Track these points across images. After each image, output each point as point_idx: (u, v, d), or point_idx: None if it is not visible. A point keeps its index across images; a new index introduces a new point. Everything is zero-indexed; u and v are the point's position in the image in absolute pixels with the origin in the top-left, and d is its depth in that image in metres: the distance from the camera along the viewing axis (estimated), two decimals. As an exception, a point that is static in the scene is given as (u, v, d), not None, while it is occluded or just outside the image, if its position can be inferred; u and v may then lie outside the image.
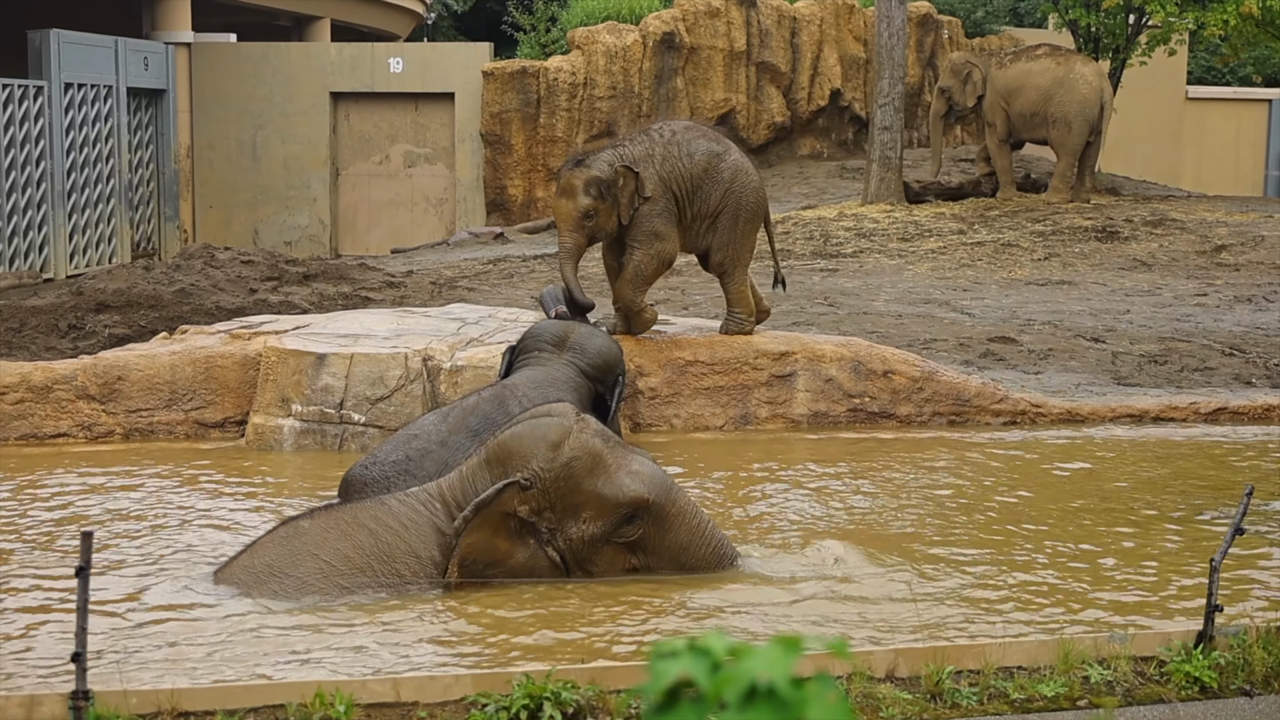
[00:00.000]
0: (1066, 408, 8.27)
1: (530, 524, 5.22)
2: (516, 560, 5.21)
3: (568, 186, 7.82)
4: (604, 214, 7.82)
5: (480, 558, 5.15)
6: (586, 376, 6.72)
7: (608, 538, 5.28)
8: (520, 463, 5.21)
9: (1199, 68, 27.07)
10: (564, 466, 5.21)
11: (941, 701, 4.29)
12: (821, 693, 1.70)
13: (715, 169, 8.05)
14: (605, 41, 18.99)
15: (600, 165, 7.82)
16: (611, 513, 5.25)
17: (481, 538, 5.14)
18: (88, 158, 16.90)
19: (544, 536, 5.24)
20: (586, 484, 5.23)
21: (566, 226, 7.86)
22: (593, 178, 7.77)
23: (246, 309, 10.36)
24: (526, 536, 5.23)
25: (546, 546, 5.24)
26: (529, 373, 6.65)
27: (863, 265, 13.74)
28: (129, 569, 5.48)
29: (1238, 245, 14.35)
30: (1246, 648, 4.54)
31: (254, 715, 4.05)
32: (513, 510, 5.19)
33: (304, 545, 5.16)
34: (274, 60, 19.36)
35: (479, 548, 5.14)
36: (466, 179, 19.27)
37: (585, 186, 7.76)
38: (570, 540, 5.25)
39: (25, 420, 7.73)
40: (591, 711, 4.11)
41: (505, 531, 5.19)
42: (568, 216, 7.84)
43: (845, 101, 20.58)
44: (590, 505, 5.23)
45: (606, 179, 7.78)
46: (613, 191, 7.80)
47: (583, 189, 7.76)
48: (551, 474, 5.20)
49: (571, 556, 5.27)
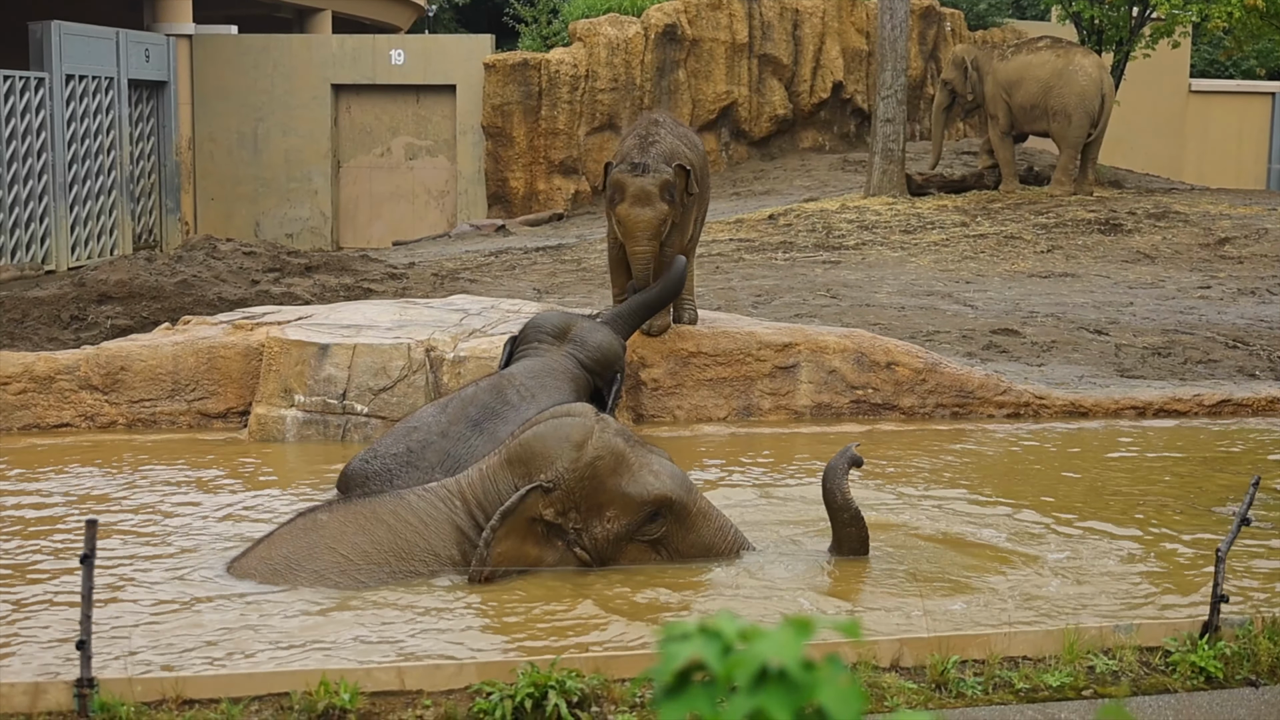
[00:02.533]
0: (1070, 400, 8.27)
1: (556, 526, 5.21)
2: (546, 564, 5.21)
3: (644, 194, 7.51)
4: (671, 217, 7.63)
5: (512, 566, 5.13)
6: (585, 369, 6.67)
7: (632, 536, 5.29)
8: (544, 463, 5.19)
9: (1202, 61, 27.05)
10: (588, 466, 5.20)
11: (947, 691, 4.29)
12: (833, 676, 1.69)
13: (705, 159, 8.17)
14: (607, 34, 18.96)
15: (663, 167, 7.57)
16: (636, 511, 5.26)
17: (510, 546, 5.12)
18: (89, 150, 16.88)
19: (570, 537, 5.23)
20: (611, 483, 5.23)
21: (646, 235, 7.53)
22: (666, 182, 7.54)
23: (248, 300, 10.35)
24: (554, 539, 5.22)
25: (574, 547, 5.24)
26: (527, 363, 6.63)
27: (865, 257, 13.73)
28: (133, 558, 5.48)
29: (1241, 238, 14.33)
30: (1252, 638, 4.53)
31: (259, 703, 4.04)
32: (538, 514, 5.17)
33: (322, 538, 5.14)
34: (275, 52, 19.34)
35: (509, 557, 5.12)
36: (468, 171, 19.26)
37: (661, 192, 7.53)
38: (595, 539, 5.25)
39: (28, 410, 7.73)
40: (596, 700, 4.11)
41: (533, 537, 5.18)
42: (649, 225, 7.52)
43: (847, 94, 20.56)
44: (615, 504, 5.24)
45: (673, 181, 7.59)
46: (674, 193, 7.63)
47: (659, 194, 7.52)
48: (576, 474, 5.19)
49: (597, 556, 5.26)
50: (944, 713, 4.19)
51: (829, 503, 5.41)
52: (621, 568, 5.30)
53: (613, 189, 7.65)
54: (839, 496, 5.38)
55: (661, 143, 7.72)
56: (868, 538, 5.42)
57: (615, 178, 7.62)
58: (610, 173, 7.70)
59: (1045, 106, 16.41)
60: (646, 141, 7.75)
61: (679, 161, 7.66)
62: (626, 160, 7.65)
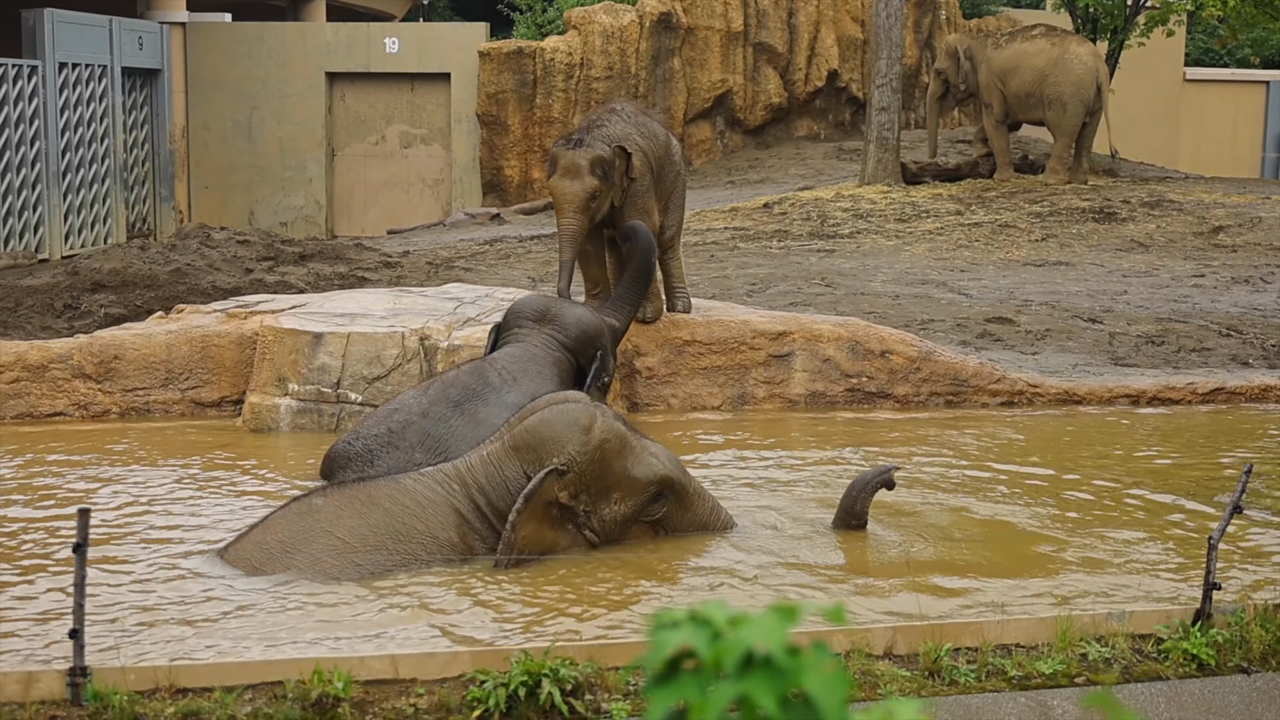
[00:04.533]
0: (1064, 388, 8.27)
1: (569, 509, 5.30)
2: (562, 548, 5.29)
3: (573, 167, 7.58)
4: (604, 195, 7.65)
5: (534, 550, 5.20)
6: (566, 349, 6.67)
7: (637, 517, 5.42)
8: (555, 448, 5.26)
9: (1197, 49, 27.04)
10: (596, 449, 5.29)
11: (940, 679, 4.29)
12: (818, 661, 1.69)
13: (670, 149, 8.18)
14: (602, 22, 18.93)
15: (600, 145, 7.63)
16: (642, 491, 5.38)
17: (532, 529, 5.19)
18: (82, 138, 16.85)
19: (581, 520, 5.33)
20: (617, 465, 5.34)
21: (572, 208, 7.59)
22: (597, 157, 7.57)
23: (243, 289, 10.34)
24: (567, 522, 5.31)
25: (584, 530, 5.34)
26: (509, 349, 6.65)
27: (860, 246, 13.73)
28: (126, 546, 5.48)
29: (1235, 226, 14.34)
30: (1244, 625, 4.54)
31: (252, 692, 4.04)
32: (554, 498, 5.25)
33: (317, 522, 5.15)
34: (269, 40, 19.30)
35: (531, 540, 5.19)
36: (463, 160, 19.23)
37: (591, 166, 7.56)
38: (604, 521, 5.36)
39: (21, 399, 7.71)
40: (590, 688, 4.11)
41: (550, 520, 5.26)
42: (574, 198, 7.57)
43: (842, 82, 20.54)
44: (621, 486, 5.35)
45: (608, 159, 7.62)
46: (611, 172, 7.68)
47: (589, 169, 7.55)
48: (585, 457, 5.27)
49: (605, 538, 5.37)
50: (937, 700, 4.20)
51: (845, 507, 5.62)
52: (617, 553, 5.32)
53: (548, 163, 7.81)
54: (856, 506, 5.60)
55: (608, 126, 7.82)
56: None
57: (551, 152, 7.82)
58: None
59: (1041, 95, 16.41)
60: (593, 124, 7.89)
61: (620, 144, 7.69)
62: (564, 136, 7.84)
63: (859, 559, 5.45)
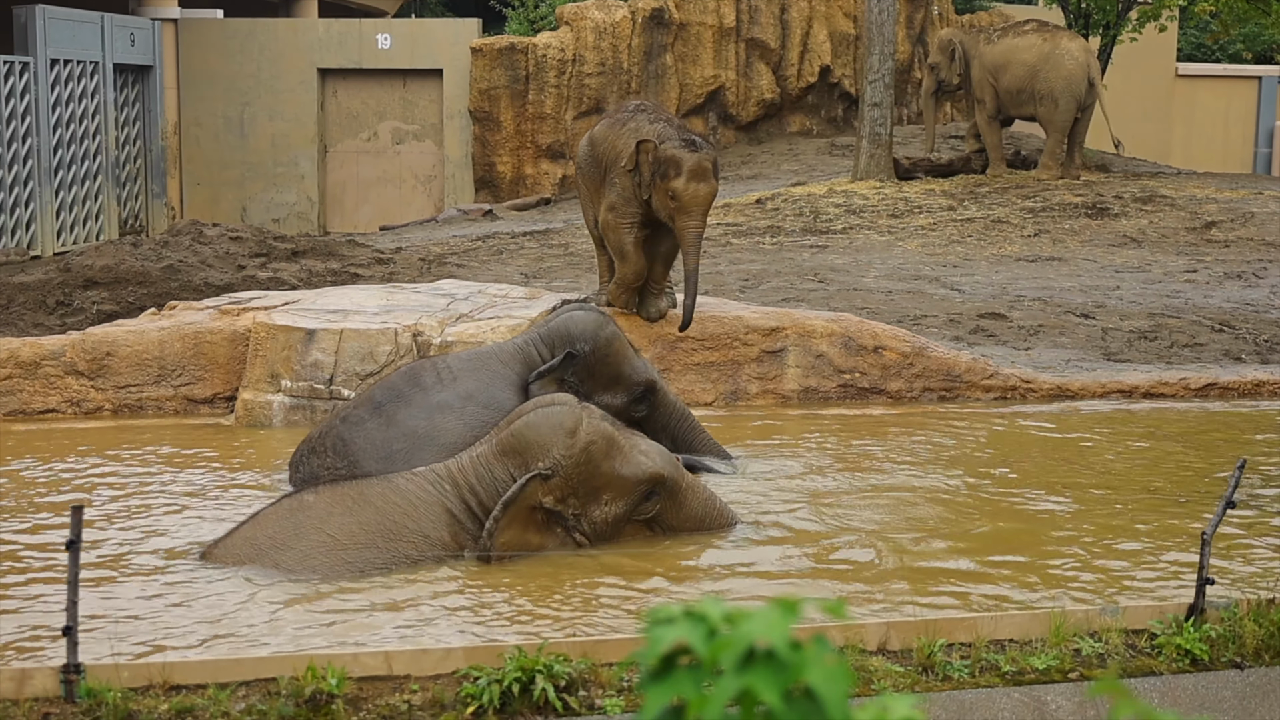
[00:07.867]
0: (1056, 383, 8.28)
1: (556, 513, 5.29)
2: (548, 551, 5.28)
3: (701, 169, 7.51)
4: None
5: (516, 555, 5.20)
6: (540, 349, 6.36)
7: (629, 516, 5.41)
8: (540, 451, 5.26)
9: (1189, 45, 27.06)
10: (583, 451, 5.29)
11: (933, 674, 4.30)
12: (820, 655, 1.69)
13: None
14: (594, 18, 18.91)
15: (709, 146, 7.67)
16: (632, 491, 5.38)
17: (513, 535, 5.19)
18: (74, 134, 16.81)
19: (570, 523, 5.32)
20: (605, 466, 5.33)
21: (704, 210, 7.62)
22: (715, 159, 7.64)
23: (235, 285, 10.32)
24: (554, 526, 5.30)
25: (574, 533, 5.33)
26: (473, 349, 6.61)
27: (853, 242, 13.73)
28: (120, 543, 5.47)
29: (1227, 222, 14.36)
30: (1237, 620, 4.55)
31: (246, 688, 4.04)
32: (538, 502, 5.25)
33: (308, 519, 5.15)
34: (261, 36, 19.26)
35: (513, 546, 5.19)
36: (455, 156, 19.21)
37: (714, 168, 7.61)
38: (595, 523, 5.35)
39: (14, 396, 7.70)
40: (584, 684, 4.11)
41: (534, 525, 5.26)
42: (710, 200, 7.63)
43: (835, 78, 20.53)
44: (611, 486, 5.35)
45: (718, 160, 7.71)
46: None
47: (713, 171, 7.61)
48: (572, 460, 5.27)
49: (596, 539, 5.36)
50: (930, 696, 4.20)
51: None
52: (610, 551, 5.32)
53: (665, 164, 7.51)
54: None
55: (650, 124, 7.72)
56: None
57: (671, 153, 7.51)
58: (656, 150, 7.55)
59: (1032, 90, 16.41)
60: (674, 122, 7.79)
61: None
62: (675, 139, 7.57)
63: (851, 555, 5.45)
